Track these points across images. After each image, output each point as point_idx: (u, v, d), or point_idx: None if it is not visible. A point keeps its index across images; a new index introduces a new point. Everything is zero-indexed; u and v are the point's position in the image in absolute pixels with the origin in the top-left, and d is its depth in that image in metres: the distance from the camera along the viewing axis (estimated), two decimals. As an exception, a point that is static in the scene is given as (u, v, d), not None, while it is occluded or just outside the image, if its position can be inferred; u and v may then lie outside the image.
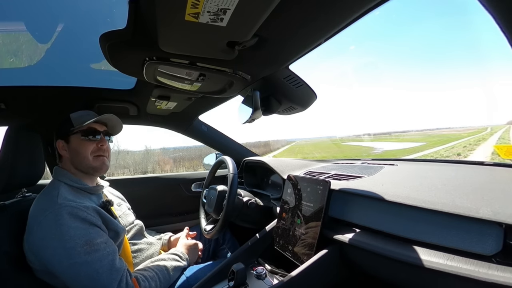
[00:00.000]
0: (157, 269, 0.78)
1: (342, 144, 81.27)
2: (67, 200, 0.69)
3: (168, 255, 0.87)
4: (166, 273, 0.79)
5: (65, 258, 0.63)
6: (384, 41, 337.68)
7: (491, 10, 0.32)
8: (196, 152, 15.42)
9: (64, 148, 0.81)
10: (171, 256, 0.86)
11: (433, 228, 0.50)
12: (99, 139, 0.82)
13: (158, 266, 0.80)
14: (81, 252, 0.63)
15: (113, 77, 0.93)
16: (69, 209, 0.66)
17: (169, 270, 0.80)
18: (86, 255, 0.64)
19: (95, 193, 0.81)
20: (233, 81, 0.71)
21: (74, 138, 0.80)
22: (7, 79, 0.87)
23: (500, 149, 0.78)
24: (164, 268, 0.80)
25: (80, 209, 0.68)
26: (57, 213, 0.65)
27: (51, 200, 0.68)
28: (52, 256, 0.63)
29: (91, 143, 0.80)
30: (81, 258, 0.63)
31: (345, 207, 0.69)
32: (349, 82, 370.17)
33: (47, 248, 0.64)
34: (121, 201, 1.00)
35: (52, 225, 0.64)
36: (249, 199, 1.00)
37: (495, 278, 0.39)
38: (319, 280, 0.65)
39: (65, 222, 0.64)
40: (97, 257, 0.65)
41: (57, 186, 0.74)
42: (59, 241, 0.63)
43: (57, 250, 0.63)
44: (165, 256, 0.86)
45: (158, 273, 0.77)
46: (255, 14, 0.40)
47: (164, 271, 0.79)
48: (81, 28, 0.75)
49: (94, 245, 0.66)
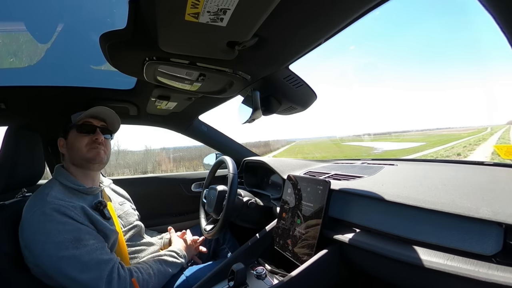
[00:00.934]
0: (151, 263, 0.79)
1: (342, 144, 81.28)
2: (56, 198, 0.70)
3: (165, 251, 0.88)
4: (161, 267, 0.79)
5: (53, 252, 0.63)
6: (384, 41, 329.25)
7: (491, 10, 0.32)
8: (196, 152, 15.42)
9: (63, 146, 0.82)
10: (167, 253, 0.87)
11: (433, 228, 0.50)
12: (95, 134, 0.82)
13: (153, 260, 0.81)
14: (69, 246, 0.64)
15: (113, 77, 0.93)
16: (56, 206, 0.67)
17: (164, 265, 0.81)
18: (74, 249, 0.64)
19: (91, 194, 0.81)
20: (233, 81, 0.71)
21: (71, 134, 0.81)
22: (7, 79, 0.87)
23: (500, 149, 0.78)
24: (159, 262, 0.80)
25: (67, 207, 0.68)
26: (44, 210, 0.66)
27: (41, 198, 0.70)
28: (42, 251, 0.64)
29: (86, 137, 0.81)
30: (69, 252, 0.64)
31: (345, 207, 0.69)
32: (349, 82, 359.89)
33: (37, 243, 0.65)
34: (124, 200, 0.99)
35: (40, 221, 0.65)
36: (249, 199, 1.00)
37: (495, 278, 0.39)
38: (319, 280, 0.65)
39: (53, 218, 0.66)
40: (86, 251, 0.65)
41: (50, 185, 0.75)
42: (47, 236, 0.64)
43: (46, 245, 0.64)
44: (161, 252, 0.87)
45: (152, 265, 0.78)
46: (255, 14, 0.40)
47: (158, 264, 0.79)
48: (81, 28, 0.75)
49: (82, 240, 0.66)
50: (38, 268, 0.67)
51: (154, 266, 0.78)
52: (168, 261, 0.83)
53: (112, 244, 0.77)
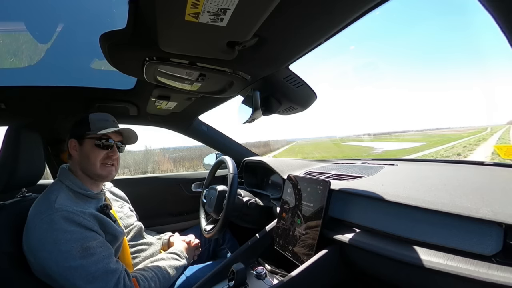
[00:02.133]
0: (156, 269, 0.78)
1: (342, 144, 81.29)
2: (64, 205, 0.69)
3: (167, 254, 0.87)
4: (166, 273, 0.79)
5: (61, 261, 0.63)
6: (384, 41, 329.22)
7: (491, 10, 0.32)
8: (196, 152, 15.41)
9: (75, 149, 0.79)
10: (169, 255, 0.86)
11: (433, 228, 0.50)
12: (111, 150, 0.80)
13: (158, 266, 0.80)
14: (76, 256, 0.64)
15: (113, 77, 0.93)
16: (65, 213, 0.66)
17: (168, 270, 0.81)
18: (82, 259, 0.64)
19: (96, 198, 0.81)
20: (233, 81, 0.71)
21: (87, 142, 0.78)
22: (7, 79, 0.87)
23: (500, 149, 0.78)
24: (163, 268, 0.80)
25: (76, 214, 0.68)
26: (52, 218, 0.65)
27: (48, 204, 0.68)
28: (49, 259, 0.64)
29: (102, 151, 0.79)
30: (77, 261, 0.63)
31: (345, 207, 0.69)
32: (349, 82, 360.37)
33: (43, 251, 0.64)
34: (124, 202, 0.99)
35: (47, 228, 0.64)
36: (249, 199, 1.00)
37: (495, 278, 0.39)
38: (319, 280, 0.65)
39: (60, 227, 0.65)
40: (93, 260, 0.65)
41: (57, 189, 0.74)
42: (54, 245, 0.63)
43: (53, 253, 0.63)
44: (164, 255, 0.86)
45: (157, 273, 0.78)
46: (255, 14, 0.40)
47: (163, 271, 0.79)
48: (81, 28, 0.75)
49: (89, 249, 0.66)
50: (43, 272, 0.66)
51: (159, 273, 0.78)
52: (171, 265, 0.83)
53: (118, 246, 0.77)
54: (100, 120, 0.80)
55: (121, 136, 0.84)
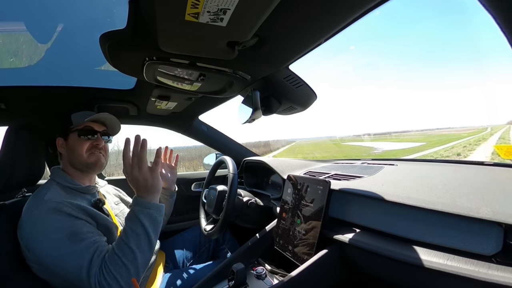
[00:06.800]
0: (126, 240, 0.66)
1: (342, 144, 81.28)
2: (52, 197, 0.70)
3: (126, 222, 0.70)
4: (138, 239, 0.66)
5: (53, 250, 0.63)
6: (384, 41, 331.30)
7: (491, 10, 0.32)
8: (196, 152, 15.41)
9: (62, 146, 0.83)
10: (132, 214, 0.69)
11: (433, 228, 0.50)
12: (96, 138, 0.83)
13: (124, 235, 0.67)
14: (67, 243, 0.64)
15: (113, 77, 0.93)
16: (53, 204, 0.68)
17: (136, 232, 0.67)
18: (73, 245, 0.64)
19: (88, 193, 0.82)
20: (233, 81, 0.71)
21: (71, 136, 0.82)
22: (7, 79, 0.87)
23: (500, 149, 0.78)
24: (129, 234, 0.66)
25: (64, 204, 0.68)
26: (41, 209, 0.66)
27: (39, 198, 0.70)
28: (41, 250, 0.64)
29: (87, 142, 0.82)
30: (67, 248, 0.64)
31: (345, 207, 0.69)
32: (349, 82, 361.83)
33: (35, 242, 0.65)
34: (119, 200, 0.99)
35: (37, 220, 0.66)
36: (249, 199, 1.00)
37: (495, 278, 0.39)
38: (319, 280, 0.65)
39: (49, 216, 0.66)
40: (84, 245, 0.65)
41: (48, 186, 0.75)
42: (45, 234, 0.64)
43: (44, 243, 0.64)
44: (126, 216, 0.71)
45: (128, 243, 0.65)
46: (255, 14, 0.40)
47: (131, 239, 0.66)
48: (81, 28, 0.75)
49: (79, 234, 0.66)
50: (40, 266, 0.67)
51: (132, 242, 0.65)
52: (139, 224, 0.67)
53: (113, 240, 0.77)
54: (81, 115, 0.84)
55: (104, 127, 0.87)
